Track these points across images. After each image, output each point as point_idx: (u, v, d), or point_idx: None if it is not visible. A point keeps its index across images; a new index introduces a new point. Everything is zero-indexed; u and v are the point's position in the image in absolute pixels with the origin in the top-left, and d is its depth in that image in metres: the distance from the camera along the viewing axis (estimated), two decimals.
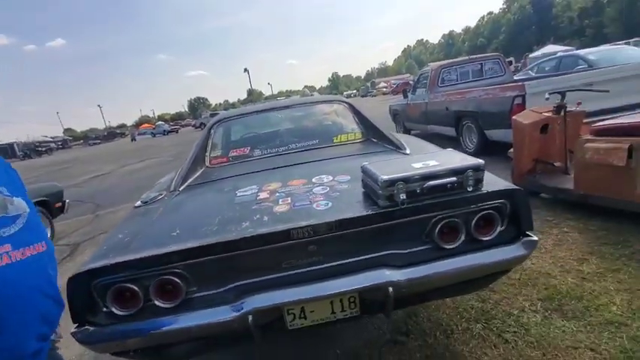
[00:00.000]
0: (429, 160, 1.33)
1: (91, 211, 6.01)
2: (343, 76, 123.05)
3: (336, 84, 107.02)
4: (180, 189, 1.83)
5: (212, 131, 2.42)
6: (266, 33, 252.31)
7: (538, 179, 3.03)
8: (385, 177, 1.20)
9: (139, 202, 1.76)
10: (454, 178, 1.25)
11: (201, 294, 1.24)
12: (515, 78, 6.82)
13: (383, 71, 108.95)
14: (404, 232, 1.29)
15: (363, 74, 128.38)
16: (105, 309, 1.19)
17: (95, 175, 11.09)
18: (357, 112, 2.46)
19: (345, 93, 66.21)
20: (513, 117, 3.18)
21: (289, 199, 1.43)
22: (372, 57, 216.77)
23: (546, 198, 3.10)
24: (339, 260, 1.26)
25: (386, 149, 2.01)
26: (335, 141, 2.28)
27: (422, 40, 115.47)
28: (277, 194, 1.50)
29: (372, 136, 2.25)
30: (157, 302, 1.19)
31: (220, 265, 1.22)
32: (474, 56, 7.13)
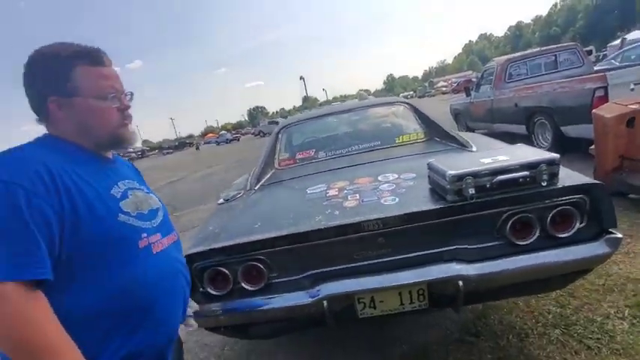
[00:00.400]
0: (498, 155, 1.33)
1: (170, 212, 6.69)
2: (399, 77, 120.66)
3: (392, 86, 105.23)
4: (255, 188, 2.02)
5: (279, 135, 2.61)
6: (320, 41, 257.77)
7: (625, 178, 2.74)
8: (453, 172, 1.23)
9: (221, 200, 1.98)
10: (526, 173, 1.24)
11: (281, 280, 1.38)
12: (595, 69, 6.17)
13: (442, 70, 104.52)
14: (473, 227, 1.30)
15: (420, 74, 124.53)
16: (202, 289, 1.39)
17: (170, 180, 12.26)
18: (418, 112, 2.48)
19: (401, 94, 64.81)
20: (594, 111, 2.92)
21: (357, 195, 1.52)
22: (430, 56, 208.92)
23: (636, 199, 2.79)
24: (407, 253, 1.32)
25: (450, 147, 2.01)
26: (397, 141, 2.32)
27: (485, 34, 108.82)
28: (345, 191, 1.60)
29: (436, 135, 2.25)
30: (243, 285, 1.36)
31: (297, 253, 1.36)
32: (546, 47, 6.59)
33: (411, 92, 62.81)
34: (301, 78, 47.22)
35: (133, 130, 0.94)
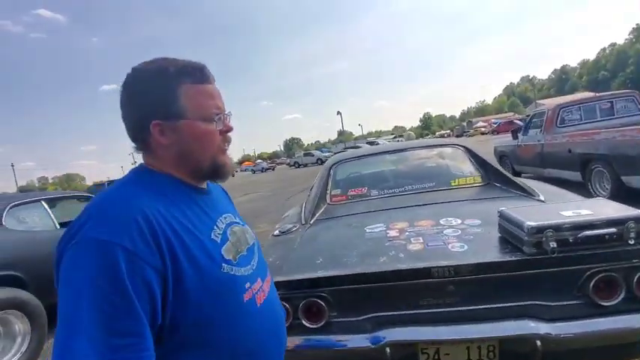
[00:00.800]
0: (579, 209, 1.27)
1: None
2: (435, 115, 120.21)
3: (428, 124, 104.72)
4: (310, 222, 2.05)
5: (331, 171, 2.66)
6: (357, 77, 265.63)
7: None
8: (533, 223, 1.19)
9: (277, 232, 2.02)
10: (613, 229, 1.17)
11: (342, 319, 1.35)
12: None
13: (481, 110, 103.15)
14: (553, 283, 1.23)
15: (457, 114, 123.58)
16: None
17: None
18: (474, 155, 2.44)
19: (437, 133, 64.30)
20: None
21: (420, 238, 1.50)
22: (468, 96, 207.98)
23: None
24: (478, 304, 1.26)
25: (514, 195, 1.95)
26: (452, 184, 2.29)
27: (527, 76, 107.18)
28: (407, 233, 1.58)
29: (495, 180, 2.20)
30: (303, 321, 1.35)
31: (360, 294, 1.34)
32: (602, 94, 6.36)
33: (448, 131, 62.16)
34: (338, 113, 48.51)
35: (230, 157, 0.82)
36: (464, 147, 2.58)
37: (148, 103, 0.70)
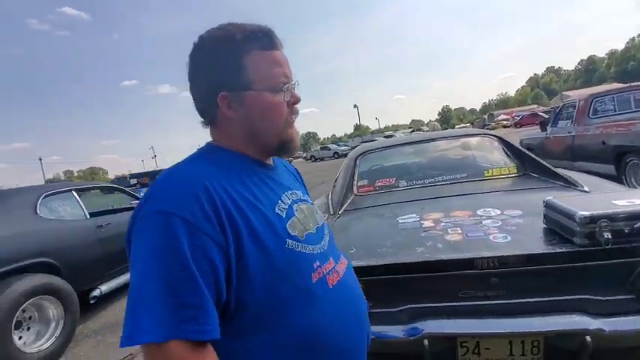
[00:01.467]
0: (633, 198, 1.19)
1: None
2: (455, 109, 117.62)
3: (447, 117, 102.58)
4: (339, 212, 2.02)
5: (357, 162, 2.61)
6: (374, 71, 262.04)
7: None
8: (585, 213, 1.12)
9: None
10: None
11: (377, 310, 1.31)
12: None
13: (502, 102, 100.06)
14: (605, 276, 1.16)
15: (478, 106, 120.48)
16: None
17: None
18: (509, 145, 2.35)
19: (457, 126, 62.97)
20: None
21: (459, 229, 1.44)
22: (490, 88, 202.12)
23: None
24: (523, 298, 1.20)
25: (554, 185, 1.85)
26: (486, 175, 2.20)
27: (553, 67, 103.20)
28: (442, 224, 1.53)
29: (532, 170, 2.10)
30: None
31: (397, 285, 1.30)
32: (637, 83, 6.02)
33: (468, 124, 60.73)
34: (355, 106, 48.18)
35: (297, 131, 0.76)
36: (497, 137, 2.49)
37: (214, 74, 0.67)
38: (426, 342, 1.20)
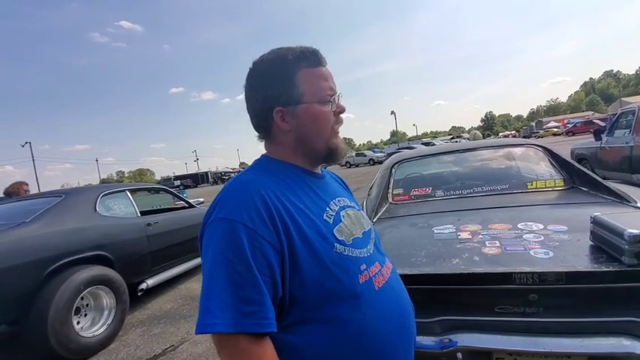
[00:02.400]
0: None
1: None
2: (499, 115, 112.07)
3: (491, 124, 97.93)
4: (373, 220, 2.04)
5: (393, 170, 2.61)
6: (413, 76, 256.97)
7: None
8: (634, 231, 1.06)
9: None
10: None
11: None
12: None
13: (552, 109, 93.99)
14: None
15: (524, 113, 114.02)
16: None
17: None
18: (555, 156, 2.24)
19: (500, 134, 59.89)
20: None
21: (497, 242, 1.41)
22: (538, 94, 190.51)
23: None
24: (564, 317, 1.16)
25: (604, 200, 1.75)
26: (529, 187, 2.12)
27: (611, 71, 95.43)
28: (480, 236, 1.50)
29: (580, 184, 1.99)
30: None
31: (432, 296, 1.30)
32: None
33: (513, 132, 57.56)
34: (392, 113, 47.51)
35: (342, 140, 0.83)
36: (542, 147, 2.38)
37: (270, 92, 0.75)
38: (459, 355, 1.19)
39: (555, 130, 37.35)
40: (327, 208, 0.75)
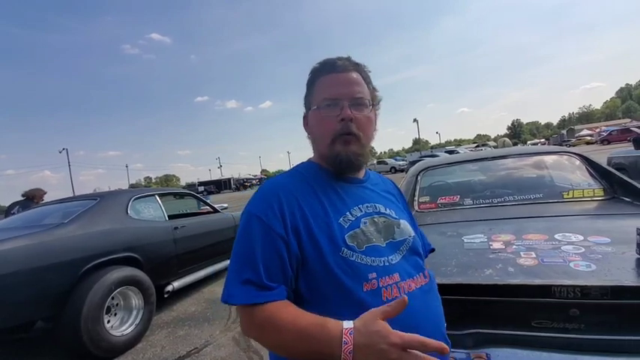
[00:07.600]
0: None
1: None
2: (527, 123, 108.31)
3: (518, 132, 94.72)
4: None
5: (419, 177, 2.57)
6: (437, 83, 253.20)
7: None
8: None
9: None
10: None
11: None
12: None
13: (585, 116, 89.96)
14: None
15: (555, 120, 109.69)
16: None
17: None
18: (594, 165, 2.13)
19: (529, 142, 57.83)
20: None
21: (533, 253, 1.35)
22: (570, 100, 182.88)
23: None
24: (606, 334, 1.09)
25: None
26: (565, 196, 2.02)
27: None
28: (514, 246, 1.44)
29: (623, 194, 1.88)
30: None
31: (464, 307, 1.25)
32: None
33: (542, 140, 55.41)
34: (415, 120, 46.85)
35: (353, 149, 0.78)
36: (579, 155, 2.27)
37: (305, 99, 0.86)
38: None
39: (588, 138, 35.65)
40: (347, 213, 0.76)
